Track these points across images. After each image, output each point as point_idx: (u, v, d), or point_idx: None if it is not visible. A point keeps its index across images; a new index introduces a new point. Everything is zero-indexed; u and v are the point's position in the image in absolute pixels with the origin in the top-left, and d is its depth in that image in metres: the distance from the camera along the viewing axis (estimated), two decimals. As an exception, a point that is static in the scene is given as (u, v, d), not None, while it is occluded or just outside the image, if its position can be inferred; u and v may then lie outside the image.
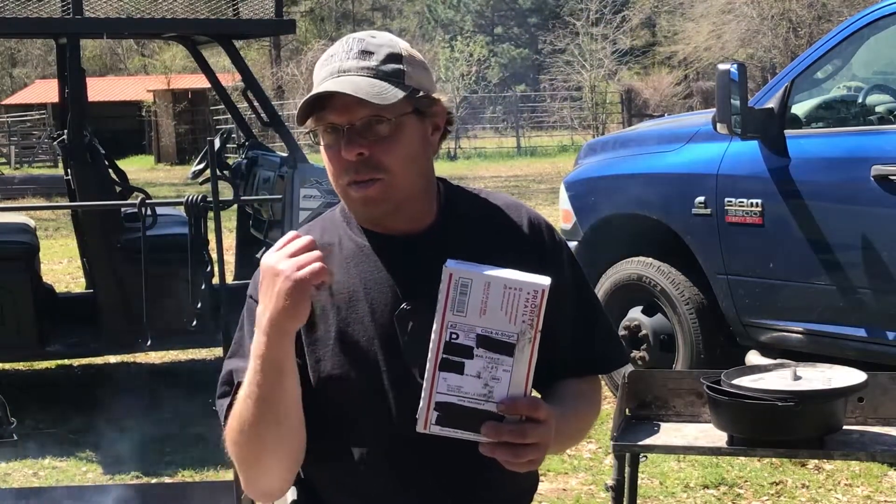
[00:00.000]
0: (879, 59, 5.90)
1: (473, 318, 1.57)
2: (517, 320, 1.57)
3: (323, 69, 1.75)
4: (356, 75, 1.71)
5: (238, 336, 1.84)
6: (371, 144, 1.71)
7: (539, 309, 1.57)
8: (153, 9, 7.11)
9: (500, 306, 1.57)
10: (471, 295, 1.57)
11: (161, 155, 32.76)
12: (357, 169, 1.72)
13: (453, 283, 1.57)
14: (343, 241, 1.83)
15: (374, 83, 1.70)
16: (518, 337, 1.57)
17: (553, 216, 7.95)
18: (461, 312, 1.57)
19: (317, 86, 1.73)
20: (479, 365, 1.57)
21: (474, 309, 1.57)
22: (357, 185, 1.73)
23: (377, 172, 1.72)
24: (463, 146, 30.94)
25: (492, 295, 1.57)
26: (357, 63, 1.73)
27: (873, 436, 2.96)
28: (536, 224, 1.89)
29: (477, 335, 1.57)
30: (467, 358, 1.58)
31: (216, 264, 5.70)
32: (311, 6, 46.71)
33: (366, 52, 1.74)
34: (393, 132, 1.72)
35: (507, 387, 1.57)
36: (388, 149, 1.72)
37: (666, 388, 3.17)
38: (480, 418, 1.58)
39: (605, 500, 4.50)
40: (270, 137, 20.01)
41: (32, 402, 6.24)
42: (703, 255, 5.61)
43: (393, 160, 1.72)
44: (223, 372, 1.82)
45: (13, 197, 18.84)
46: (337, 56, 1.75)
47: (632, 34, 34.53)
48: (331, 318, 1.78)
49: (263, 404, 1.66)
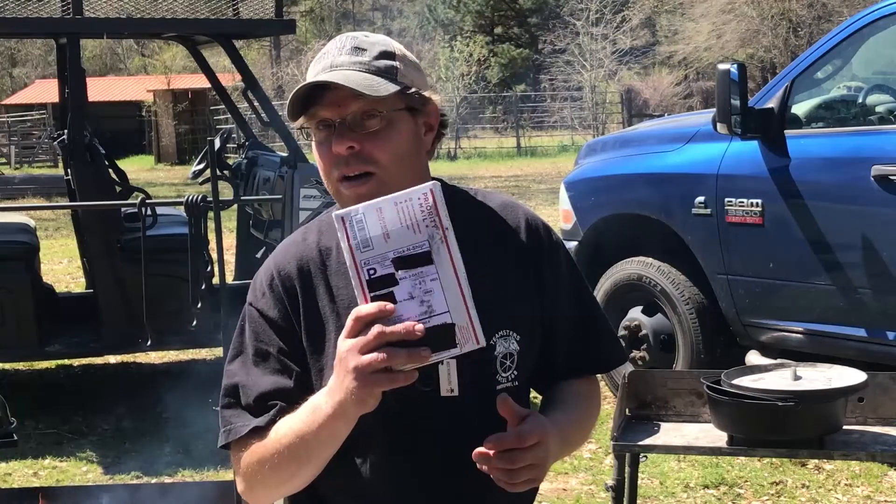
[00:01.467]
0: (879, 59, 5.90)
1: (381, 247, 1.54)
2: (421, 228, 1.53)
3: (315, 66, 1.75)
4: (348, 69, 1.71)
5: (237, 343, 1.81)
6: (362, 138, 1.70)
7: (436, 208, 1.53)
8: (153, 9, 7.11)
9: (399, 223, 1.54)
10: (368, 227, 1.54)
11: (161, 155, 32.76)
12: (348, 162, 1.71)
13: (348, 225, 1.55)
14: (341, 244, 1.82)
15: (367, 76, 1.70)
16: (429, 243, 1.54)
17: (553, 216, 7.97)
18: (368, 248, 1.55)
19: (308, 77, 1.73)
20: (407, 286, 1.54)
21: (378, 239, 1.54)
22: (348, 181, 1.72)
23: (368, 166, 1.71)
24: (463, 146, 30.93)
25: (387, 218, 1.54)
26: (349, 58, 1.72)
27: (873, 436, 2.96)
28: (533, 224, 1.87)
29: (391, 260, 1.54)
30: (393, 286, 1.54)
31: (216, 264, 5.71)
32: (311, 6, 46.72)
33: (358, 49, 1.74)
34: (384, 127, 1.71)
35: (442, 294, 1.53)
36: (380, 143, 1.71)
37: (666, 388, 3.17)
38: (439, 334, 1.53)
39: (605, 500, 4.50)
40: (270, 137, 20.00)
41: (32, 402, 6.24)
42: (703, 255, 5.61)
43: (384, 154, 1.71)
44: (226, 382, 1.80)
45: (13, 197, 18.84)
46: (329, 53, 1.75)
47: (632, 34, 34.48)
48: (331, 325, 1.76)
49: (306, 457, 1.66)
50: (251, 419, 1.72)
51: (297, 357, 1.76)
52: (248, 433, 1.72)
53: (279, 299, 1.78)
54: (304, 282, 1.78)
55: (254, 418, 1.72)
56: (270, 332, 1.77)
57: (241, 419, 1.74)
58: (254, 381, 1.74)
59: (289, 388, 1.73)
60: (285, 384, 1.73)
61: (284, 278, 1.79)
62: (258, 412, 1.72)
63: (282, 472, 1.69)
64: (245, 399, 1.74)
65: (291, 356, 1.75)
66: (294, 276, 1.78)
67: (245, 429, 1.72)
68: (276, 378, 1.74)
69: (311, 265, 1.79)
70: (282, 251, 1.84)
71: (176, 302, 5.79)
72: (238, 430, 1.73)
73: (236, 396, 1.76)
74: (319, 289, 1.78)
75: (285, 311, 1.77)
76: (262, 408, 1.72)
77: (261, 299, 1.79)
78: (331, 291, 1.77)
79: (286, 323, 1.77)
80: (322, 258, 1.80)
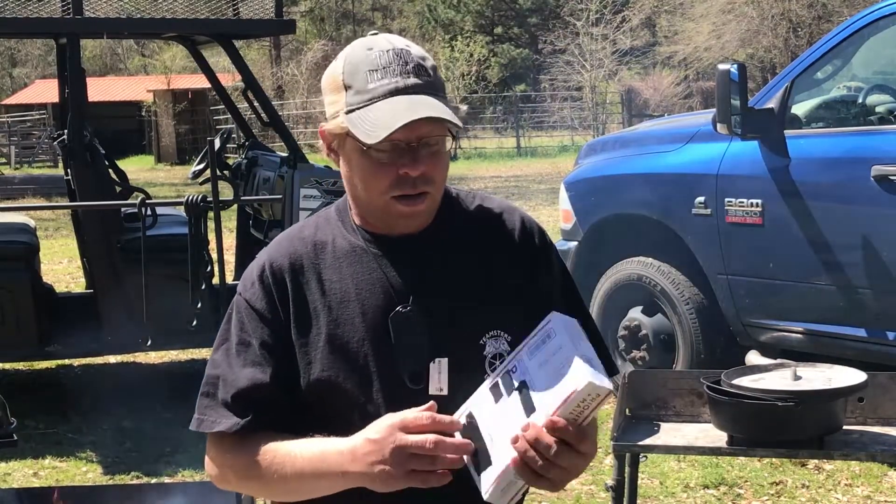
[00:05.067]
0: (879, 59, 5.90)
1: (534, 366, 1.61)
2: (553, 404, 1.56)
3: (377, 81, 1.71)
4: (425, 94, 1.71)
5: (223, 331, 1.85)
6: (426, 161, 1.73)
7: (570, 404, 1.55)
8: (153, 9, 7.11)
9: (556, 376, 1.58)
10: (546, 346, 1.63)
11: (161, 155, 32.76)
12: (415, 183, 1.72)
13: (544, 329, 1.65)
14: (336, 240, 1.83)
15: (440, 105, 1.71)
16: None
17: (553, 216, 7.96)
18: (531, 355, 1.63)
19: (374, 97, 1.70)
20: (488, 426, 1.61)
21: (539, 359, 1.62)
22: (407, 199, 1.73)
23: (428, 186, 1.74)
24: (463, 146, 30.89)
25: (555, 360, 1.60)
26: (419, 80, 1.72)
27: (873, 436, 2.96)
28: (529, 227, 1.89)
29: (522, 382, 1.61)
30: (507, 394, 1.62)
31: (216, 264, 5.71)
32: (311, 6, 46.69)
33: (421, 68, 1.74)
34: (442, 149, 1.75)
35: (504, 441, 1.57)
36: (439, 165, 1.75)
37: (666, 388, 3.17)
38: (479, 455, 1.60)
39: (605, 500, 4.50)
40: (270, 137, 20.00)
41: (32, 402, 6.24)
42: (703, 255, 5.61)
43: (441, 175, 1.76)
44: (209, 371, 1.83)
45: (13, 197, 18.83)
46: (392, 69, 1.72)
47: (632, 34, 34.45)
48: (322, 319, 1.77)
49: (296, 491, 1.74)
50: (224, 416, 1.77)
51: (280, 350, 1.78)
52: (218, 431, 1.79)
53: (268, 291, 1.79)
54: (295, 275, 1.80)
55: (228, 413, 1.77)
56: (255, 322, 1.79)
57: (215, 414, 1.79)
58: (234, 375, 1.78)
59: (265, 384, 1.76)
60: (262, 379, 1.76)
61: (275, 270, 1.81)
62: (233, 410, 1.77)
63: (269, 487, 1.76)
64: (223, 393, 1.78)
65: (273, 349, 1.78)
66: (285, 269, 1.80)
67: (216, 427, 1.78)
68: (254, 371, 1.77)
69: (303, 259, 1.81)
70: (276, 244, 1.86)
71: (176, 302, 5.79)
72: (210, 425, 1.79)
73: (215, 387, 1.80)
74: (311, 282, 1.80)
75: (273, 303, 1.79)
76: (237, 407, 1.77)
77: (249, 289, 1.82)
78: (322, 285, 1.79)
79: (272, 315, 1.79)
80: (316, 252, 1.82)
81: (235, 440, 1.77)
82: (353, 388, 1.75)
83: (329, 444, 1.68)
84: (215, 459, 1.83)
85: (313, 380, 1.76)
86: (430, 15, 44.50)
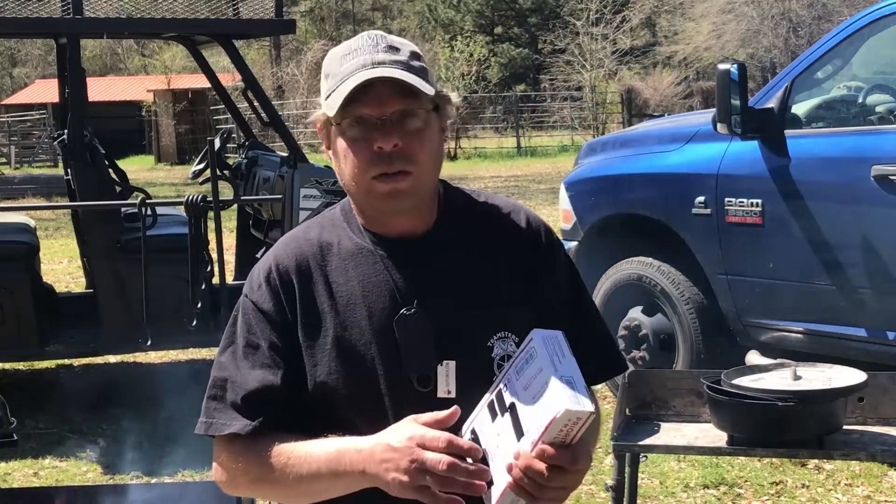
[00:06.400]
0: (879, 59, 5.90)
1: (520, 387, 1.60)
2: (533, 428, 1.55)
3: (348, 62, 1.72)
4: (392, 67, 1.70)
5: (229, 333, 1.82)
6: (405, 137, 1.70)
7: (551, 430, 1.53)
8: (153, 9, 7.11)
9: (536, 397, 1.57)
10: (529, 367, 1.61)
11: (161, 155, 32.76)
12: (390, 160, 1.70)
13: (527, 348, 1.63)
14: (342, 241, 1.81)
15: (411, 75, 1.70)
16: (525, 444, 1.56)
17: (553, 216, 7.96)
18: (518, 375, 1.61)
19: (344, 76, 1.70)
20: (493, 447, 1.60)
21: (524, 381, 1.60)
22: (386, 177, 1.70)
23: (408, 165, 1.70)
24: (463, 146, 30.91)
25: (536, 382, 1.58)
26: (389, 56, 1.71)
27: (873, 436, 2.96)
28: (535, 226, 1.87)
29: (511, 403, 1.60)
30: (501, 414, 1.61)
31: (216, 264, 5.71)
32: (311, 6, 46.73)
33: (393, 48, 1.73)
34: (423, 127, 1.72)
35: (501, 463, 1.57)
36: (420, 143, 1.71)
37: (666, 388, 3.18)
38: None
39: (605, 500, 4.50)
40: (270, 137, 19.99)
41: (32, 402, 6.24)
42: (703, 255, 5.61)
43: (423, 154, 1.72)
44: (215, 374, 1.80)
45: (13, 197, 18.83)
46: (363, 49, 1.73)
47: (632, 34, 34.47)
48: (329, 322, 1.76)
49: (308, 492, 1.71)
50: (234, 418, 1.74)
51: (288, 352, 1.76)
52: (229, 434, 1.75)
53: (275, 293, 1.78)
54: (302, 276, 1.78)
55: (238, 416, 1.74)
56: (263, 324, 1.77)
57: (225, 416, 1.75)
58: (242, 377, 1.75)
59: (276, 386, 1.74)
60: (272, 381, 1.74)
61: (282, 272, 1.79)
62: (244, 412, 1.74)
63: (283, 489, 1.72)
64: (232, 395, 1.75)
65: (282, 351, 1.76)
66: (292, 271, 1.79)
67: (227, 429, 1.74)
68: (264, 373, 1.74)
69: (310, 260, 1.80)
70: (282, 245, 1.84)
71: (176, 302, 5.79)
72: (219, 427, 1.75)
73: (223, 390, 1.77)
74: (318, 284, 1.78)
75: (280, 304, 1.77)
76: (247, 409, 1.74)
77: (256, 291, 1.80)
78: (330, 287, 1.77)
79: (280, 317, 1.77)
80: (322, 254, 1.80)
81: (247, 443, 1.74)
82: (360, 391, 1.74)
83: (346, 443, 1.66)
84: (225, 464, 1.79)
85: (319, 382, 1.74)
86: (430, 15, 44.50)
